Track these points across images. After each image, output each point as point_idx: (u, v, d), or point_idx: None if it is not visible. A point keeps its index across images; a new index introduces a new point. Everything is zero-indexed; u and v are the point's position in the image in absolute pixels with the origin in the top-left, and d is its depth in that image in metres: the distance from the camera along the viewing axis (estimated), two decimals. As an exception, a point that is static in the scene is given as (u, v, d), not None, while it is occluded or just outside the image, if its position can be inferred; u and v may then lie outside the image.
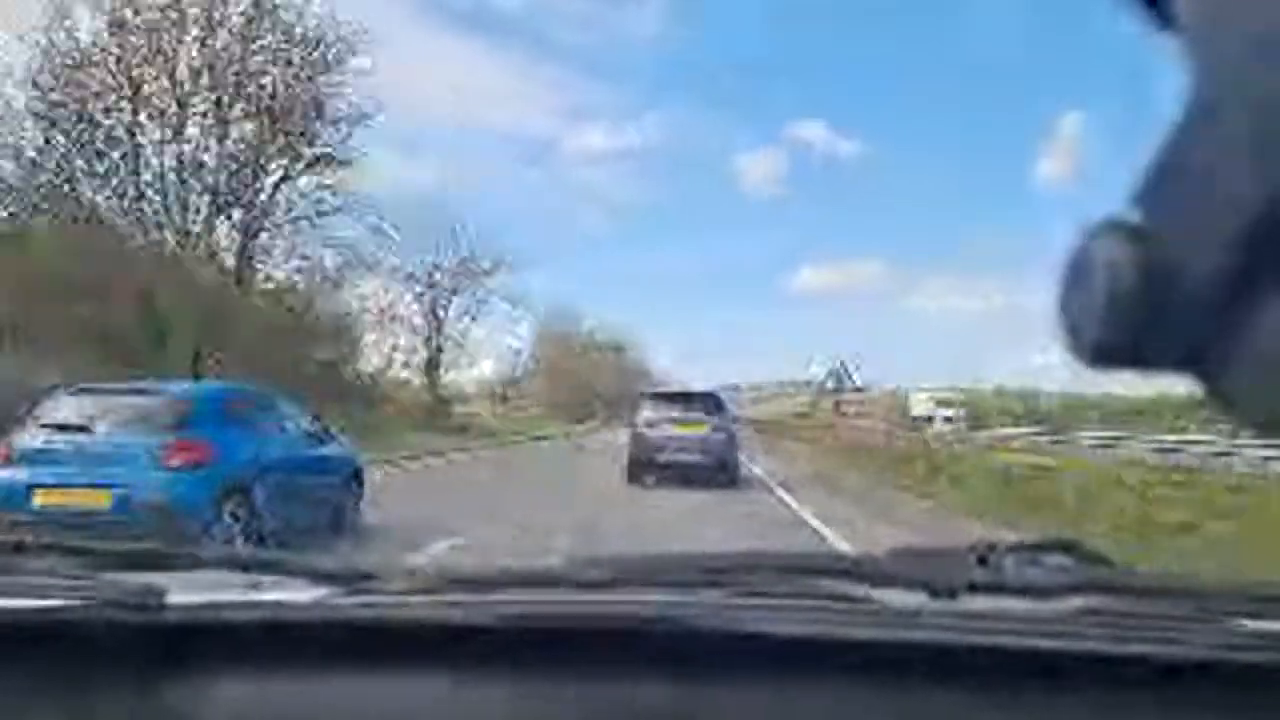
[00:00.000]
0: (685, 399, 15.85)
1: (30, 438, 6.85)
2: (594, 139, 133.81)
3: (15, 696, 0.88)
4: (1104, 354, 0.32)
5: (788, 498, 12.93)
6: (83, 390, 7.42)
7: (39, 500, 6.49)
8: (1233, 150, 0.29)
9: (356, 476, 9.26)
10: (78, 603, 0.91)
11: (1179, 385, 0.32)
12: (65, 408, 7.13)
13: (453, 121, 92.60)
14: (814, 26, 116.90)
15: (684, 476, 14.07)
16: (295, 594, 0.97)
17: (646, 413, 15.27)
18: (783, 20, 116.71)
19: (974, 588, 0.92)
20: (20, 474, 6.61)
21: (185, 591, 0.95)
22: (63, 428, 6.86)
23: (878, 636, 0.86)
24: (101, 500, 6.49)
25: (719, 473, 14.47)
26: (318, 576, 1.00)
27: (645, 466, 14.61)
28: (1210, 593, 0.99)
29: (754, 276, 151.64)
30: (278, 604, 0.94)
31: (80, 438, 6.79)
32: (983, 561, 0.96)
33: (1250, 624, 0.91)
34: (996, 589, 0.94)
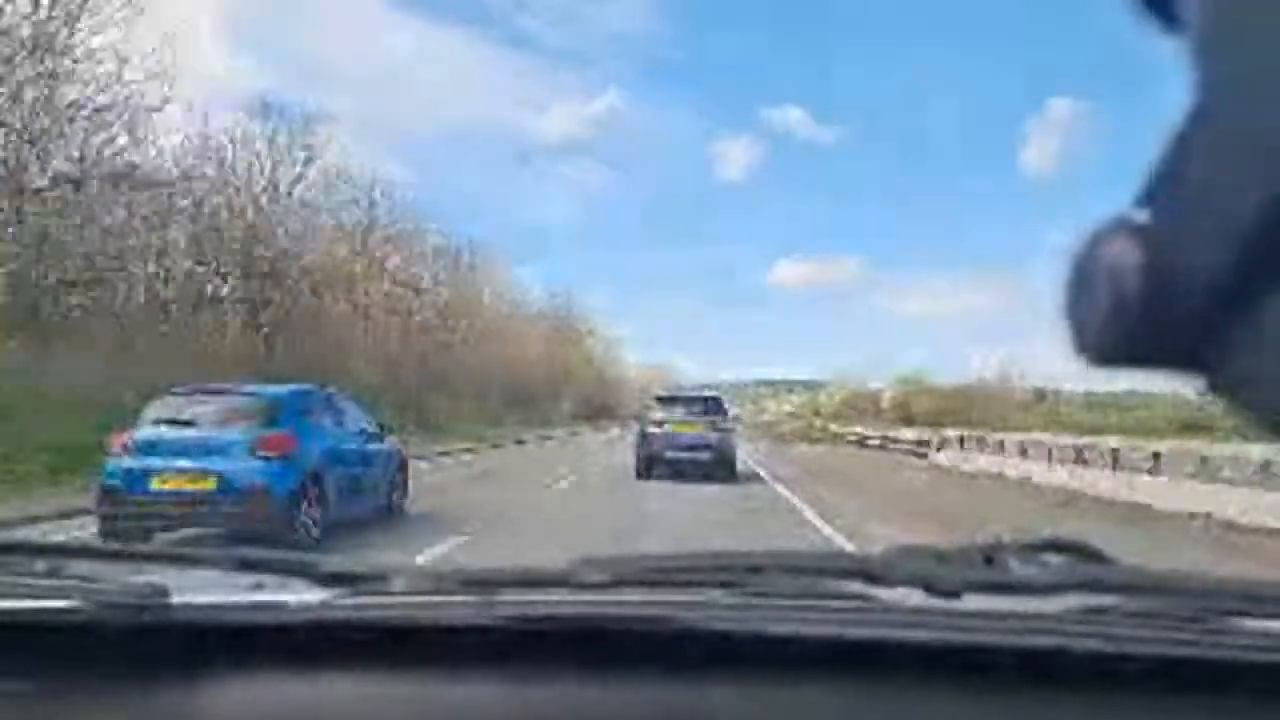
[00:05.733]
0: (688, 401, 16.97)
1: (146, 431, 7.85)
2: (565, 130, 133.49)
3: (17, 697, 0.86)
4: (1110, 354, 0.31)
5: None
6: (186, 392, 8.36)
7: (156, 484, 7.50)
8: (1238, 150, 0.28)
9: (403, 469, 10.23)
10: (80, 603, 0.89)
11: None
12: (173, 406, 8.11)
13: (427, 113, 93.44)
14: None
15: (688, 472, 15.32)
16: (299, 595, 0.94)
17: (653, 414, 16.49)
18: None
19: (976, 587, 0.90)
20: (140, 462, 7.59)
21: (188, 592, 0.93)
22: (172, 423, 7.90)
23: (880, 636, 0.84)
24: (207, 484, 7.46)
25: (719, 468, 15.67)
26: (321, 577, 0.97)
27: (652, 463, 15.84)
28: (1212, 592, 0.96)
29: (728, 271, 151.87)
30: (282, 605, 0.92)
31: (187, 431, 7.77)
32: (988, 561, 0.95)
33: (1252, 624, 0.88)
34: (998, 588, 0.92)
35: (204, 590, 0.98)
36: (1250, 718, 0.82)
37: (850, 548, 8.20)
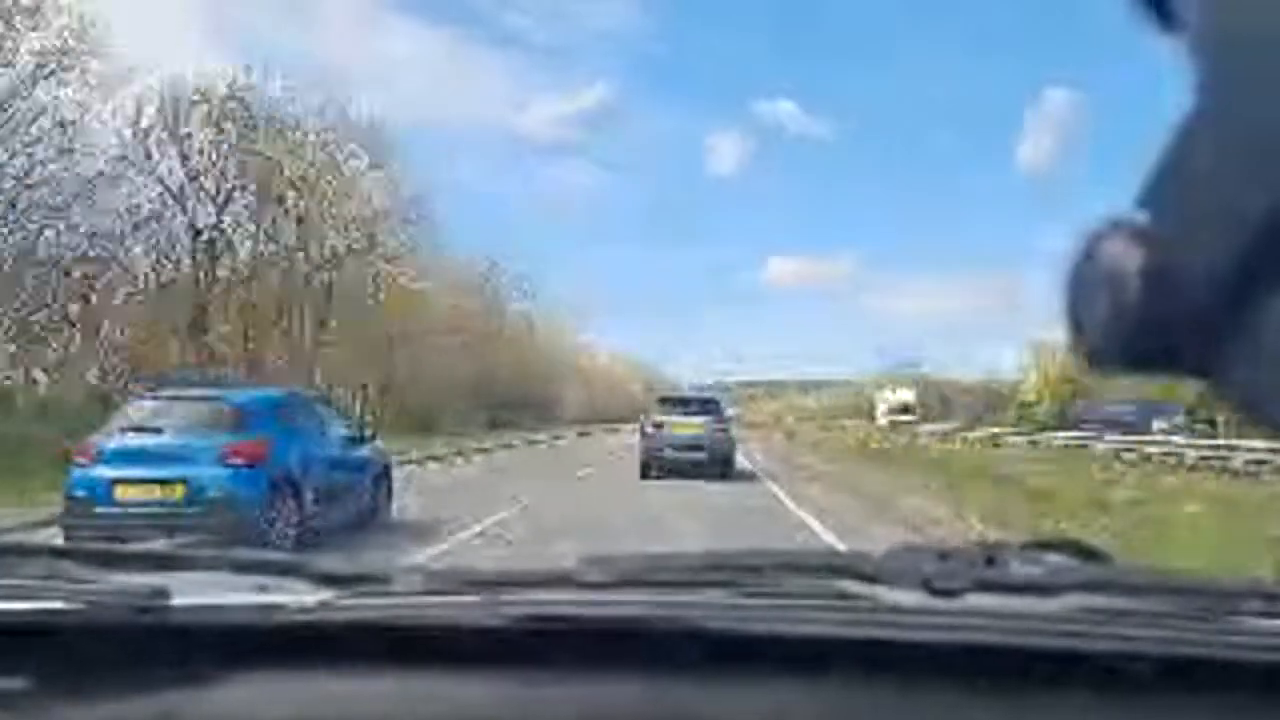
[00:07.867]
0: (687, 403, 17.96)
1: (111, 438, 7.63)
2: (553, 128, 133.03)
3: (17, 701, 0.85)
4: (1110, 356, 0.32)
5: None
6: (154, 397, 8.20)
7: (120, 493, 7.29)
8: (1238, 151, 0.28)
9: (386, 475, 9.98)
10: (80, 605, 0.88)
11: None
12: (141, 412, 7.93)
13: (413, 114, 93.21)
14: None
15: (687, 470, 15.94)
16: (300, 596, 0.94)
17: (655, 415, 17.30)
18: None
19: (976, 586, 0.90)
20: (103, 470, 7.37)
21: (189, 593, 0.92)
22: (140, 430, 7.68)
23: (879, 635, 0.84)
24: (174, 493, 7.27)
25: (716, 466, 16.39)
26: (323, 578, 0.97)
27: (654, 461, 16.59)
28: (1215, 591, 0.96)
29: (719, 271, 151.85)
30: (283, 606, 0.91)
31: (154, 438, 7.56)
32: (989, 560, 0.95)
33: (1253, 622, 0.88)
34: (998, 588, 0.92)
35: (204, 592, 0.97)
36: (1255, 718, 0.81)
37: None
